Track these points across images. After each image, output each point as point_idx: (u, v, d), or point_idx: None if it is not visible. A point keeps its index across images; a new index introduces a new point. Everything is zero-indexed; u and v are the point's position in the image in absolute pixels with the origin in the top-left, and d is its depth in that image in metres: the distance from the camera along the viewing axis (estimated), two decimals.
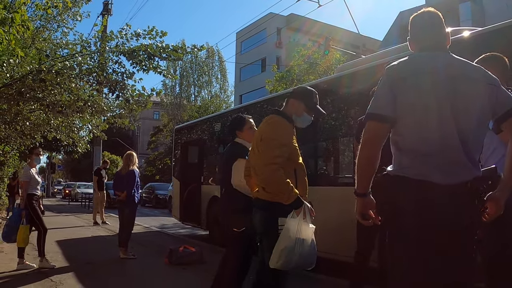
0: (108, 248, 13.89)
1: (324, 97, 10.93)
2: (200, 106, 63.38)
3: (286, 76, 39.03)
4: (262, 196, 5.34)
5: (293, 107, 5.63)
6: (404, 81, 3.59)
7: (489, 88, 3.59)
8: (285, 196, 5.05)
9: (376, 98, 3.72)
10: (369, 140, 3.68)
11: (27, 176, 11.03)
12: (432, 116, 3.47)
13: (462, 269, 3.47)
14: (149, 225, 21.29)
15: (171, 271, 10.79)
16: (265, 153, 5.17)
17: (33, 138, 17.72)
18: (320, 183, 10.54)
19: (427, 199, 3.40)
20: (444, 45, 3.85)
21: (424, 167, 3.45)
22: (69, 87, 11.54)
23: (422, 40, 3.90)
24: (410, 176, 3.49)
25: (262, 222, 5.44)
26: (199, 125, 19.37)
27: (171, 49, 11.46)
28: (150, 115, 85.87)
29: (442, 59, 3.69)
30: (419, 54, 3.86)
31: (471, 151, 3.53)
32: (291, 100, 5.65)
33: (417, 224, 3.41)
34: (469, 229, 3.47)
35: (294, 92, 5.88)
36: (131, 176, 12.27)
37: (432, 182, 3.41)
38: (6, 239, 11.09)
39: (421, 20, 3.95)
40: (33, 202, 10.98)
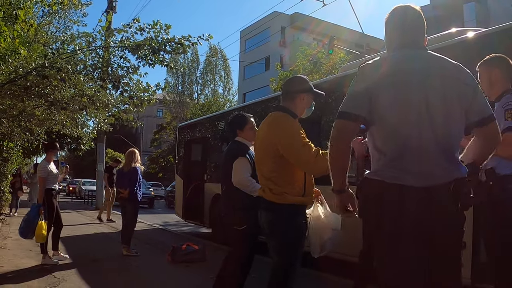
0: (111, 245, 13.89)
1: (329, 96, 10.92)
2: (203, 104, 63.32)
3: (290, 76, 39.00)
4: (268, 197, 5.33)
5: (303, 101, 5.55)
6: (380, 81, 3.55)
7: (467, 88, 3.56)
8: None
9: (348, 97, 3.68)
10: (336, 137, 3.66)
11: (44, 171, 11.01)
12: (408, 116, 3.45)
13: (445, 270, 3.46)
14: (152, 223, 21.28)
15: (174, 268, 10.80)
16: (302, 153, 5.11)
17: (37, 135, 17.74)
18: (325, 182, 10.52)
19: (401, 202, 3.39)
20: (421, 42, 3.79)
21: (398, 169, 3.43)
22: (74, 83, 11.53)
23: (400, 37, 3.82)
24: (385, 179, 3.47)
25: (268, 223, 5.44)
26: (203, 123, 19.39)
27: (177, 41, 11.42)
28: (153, 113, 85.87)
29: (420, 57, 3.65)
30: (396, 53, 3.79)
31: (449, 150, 3.51)
32: (301, 95, 5.52)
33: (393, 227, 3.40)
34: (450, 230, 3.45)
35: (299, 86, 5.66)
36: (133, 173, 12.27)
37: (407, 186, 3.39)
38: (23, 235, 11.03)
39: (400, 16, 3.85)
40: (51, 197, 11.01)
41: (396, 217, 3.39)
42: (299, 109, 5.54)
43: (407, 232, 3.37)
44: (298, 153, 5.12)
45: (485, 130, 3.62)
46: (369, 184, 3.63)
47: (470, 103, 3.54)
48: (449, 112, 3.45)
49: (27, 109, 13.20)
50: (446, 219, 3.38)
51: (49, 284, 9.05)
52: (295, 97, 5.53)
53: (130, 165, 12.42)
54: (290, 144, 5.18)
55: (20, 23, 9.26)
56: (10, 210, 25.16)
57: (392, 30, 3.88)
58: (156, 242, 15.01)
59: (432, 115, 3.39)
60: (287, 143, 5.19)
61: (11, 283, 8.97)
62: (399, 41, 3.80)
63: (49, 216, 10.93)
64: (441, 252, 3.39)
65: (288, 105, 5.52)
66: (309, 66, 38.74)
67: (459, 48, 7.88)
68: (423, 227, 3.36)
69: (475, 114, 3.56)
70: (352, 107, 3.60)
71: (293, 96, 5.54)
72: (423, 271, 3.41)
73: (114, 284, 9.51)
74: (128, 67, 12.16)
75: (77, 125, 16.94)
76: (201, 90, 73.23)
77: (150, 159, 72.29)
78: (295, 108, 5.49)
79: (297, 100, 5.52)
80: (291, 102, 5.52)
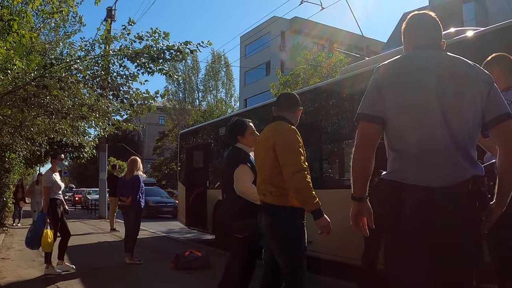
0: (114, 254, 13.89)
1: (328, 99, 10.91)
2: (205, 110, 63.32)
3: (291, 80, 39.01)
4: (269, 201, 5.46)
5: (297, 115, 5.92)
6: (392, 80, 3.55)
7: (482, 86, 3.49)
8: (311, 203, 5.15)
9: (365, 98, 3.67)
10: (362, 141, 3.62)
11: (49, 181, 11.05)
12: (421, 115, 3.41)
13: (461, 270, 3.42)
14: (155, 230, 21.26)
15: (177, 275, 10.76)
16: (291, 162, 5.28)
17: (39, 144, 17.75)
18: (326, 186, 10.52)
19: (417, 203, 3.35)
20: (439, 44, 3.75)
21: (414, 170, 3.39)
22: (73, 92, 11.52)
23: (416, 39, 3.80)
24: (401, 180, 3.44)
25: (269, 226, 5.53)
26: (204, 129, 19.35)
27: (176, 49, 11.38)
28: (155, 120, 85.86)
29: (434, 57, 3.61)
30: (409, 53, 3.78)
31: (466, 149, 3.44)
32: (300, 109, 5.96)
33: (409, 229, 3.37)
34: (469, 230, 3.41)
35: (297, 101, 6.00)
36: (135, 181, 12.24)
37: (420, 186, 3.35)
38: (30, 245, 11.06)
39: (417, 21, 3.87)
40: (56, 206, 11.03)
41: (409, 218, 3.36)
42: (296, 120, 5.88)
43: (420, 233, 3.34)
44: (291, 155, 5.30)
45: (499, 129, 3.50)
46: (385, 184, 3.60)
47: (486, 102, 3.48)
48: (463, 111, 3.39)
49: (28, 119, 13.20)
50: (461, 218, 3.34)
51: None
52: (295, 109, 5.89)
53: (133, 173, 12.40)
54: (287, 146, 5.38)
55: (12, 34, 9.25)
56: (13, 220, 25.23)
57: (410, 33, 3.89)
58: (159, 250, 14.98)
59: (445, 114, 3.35)
60: (284, 143, 5.39)
61: None
62: (416, 43, 3.78)
63: (54, 225, 10.94)
64: (453, 252, 3.36)
65: (289, 116, 5.75)
66: (309, 69, 38.72)
67: (457, 48, 7.86)
68: (435, 226, 3.33)
69: (490, 113, 3.49)
70: (369, 108, 3.60)
71: (294, 109, 5.88)
72: (433, 271, 3.38)
73: None
74: (128, 75, 12.14)
75: (79, 133, 16.96)
76: (202, 97, 73.19)
77: (153, 166, 72.31)
78: (294, 119, 5.84)
79: (297, 113, 5.91)
80: (293, 114, 5.84)
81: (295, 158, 5.25)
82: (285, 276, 5.49)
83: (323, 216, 5.18)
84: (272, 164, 5.42)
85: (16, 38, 9.49)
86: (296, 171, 5.17)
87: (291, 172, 5.20)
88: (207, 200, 16.80)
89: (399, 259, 3.48)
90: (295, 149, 5.31)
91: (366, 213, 3.74)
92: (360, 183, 3.68)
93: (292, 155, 5.27)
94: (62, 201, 11.46)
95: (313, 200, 5.12)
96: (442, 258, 3.33)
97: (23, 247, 12.63)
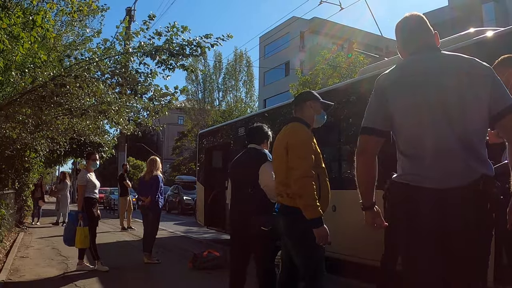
0: (133, 253, 13.96)
1: (348, 99, 10.85)
2: (224, 110, 63.29)
3: (310, 80, 38.93)
4: (286, 202, 5.50)
5: (311, 108, 5.84)
6: (393, 87, 3.60)
7: (484, 81, 3.46)
8: (310, 211, 5.14)
9: (368, 111, 3.77)
10: (362, 153, 3.76)
11: (84, 180, 11.33)
12: (424, 117, 3.44)
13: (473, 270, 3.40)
14: (174, 230, 21.30)
15: (195, 275, 10.78)
16: (298, 166, 5.28)
17: (58, 144, 17.81)
18: (346, 186, 10.46)
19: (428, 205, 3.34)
20: (434, 44, 3.79)
21: (424, 171, 3.39)
22: (93, 90, 11.53)
23: (410, 44, 3.86)
24: (409, 182, 3.45)
25: (286, 227, 5.58)
26: (223, 129, 19.30)
27: (196, 43, 11.28)
28: (174, 120, 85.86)
29: (432, 59, 3.64)
30: (407, 59, 3.84)
31: (474, 149, 3.42)
32: (308, 103, 5.88)
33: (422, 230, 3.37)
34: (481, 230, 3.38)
35: (305, 95, 6.11)
36: (155, 181, 12.28)
37: (429, 188, 3.34)
38: (67, 242, 11.39)
39: (405, 25, 3.93)
40: (91, 205, 11.30)
41: (419, 220, 3.36)
42: (309, 116, 5.81)
43: (429, 233, 3.33)
44: (298, 159, 5.31)
45: (506, 121, 3.45)
46: (395, 187, 3.62)
47: (490, 95, 3.44)
48: (468, 110, 3.38)
49: (47, 119, 13.24)
50: (473, 219, 3.31)
51: None
52: (303, 105, 5.88)
53: (152, 173, 12.45)
54: (296, 149, 5.39)
55: (37, 28, 9.28)
56: (32, 219, 25.37)
57: (401, 39, 3.96)
58: (177, 249, 15.01)
59: (450, 114, 3.35)
60: (294, 147, 5.41)
61: None
62: (410, 48, 3.85)
63: (90, 224, 11.19)
64: (464, 253, 3.33)
65: (299, 114, 5.82)
66: (328, 70, 38.64)
67: (477, 48, 7.78)
68: (446, 228, 3.31)
69: (495, 106, 3.44)
70: (371, 121, 3.70)
71: (301, 105, 5.91)
72: (443, 272, 3.36)
73: None
74: (148, 73, 12.13)
75: (98, 132, 17.00)
76: (222, 97, 73.20)
77: (172, 166, 72.36)
78: (305, 116, 5.81)
79: (306, 108, 5.85)
80: (301, 111, 5.86)
81: (302, 163, 5.26)
82: (303, 277, 5.50)
83: (323, 226, 5.16)
84: (286, 165, 5.46)
85: (41, 31, 9.53)
86: (301, 176, 5.18)
87: (296, 176, 5.22)
88: (226, 200, 16.74)
89: (413, 260, 3.53)
90: (303, 154, 5.33)
91: (377, 216, 3.80)
92: (367, 192, 3.76)
93: (300, 160, 5.29)
94: (97, 200, 11.70)
95: (314, 208, 5.13)
96: (454, 258, 3.34)
97: (42, 246, 12.66)
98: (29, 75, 11.04)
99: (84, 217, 11.04)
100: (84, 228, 10.97)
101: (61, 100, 11.58)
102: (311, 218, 5.13)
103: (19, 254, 13.61)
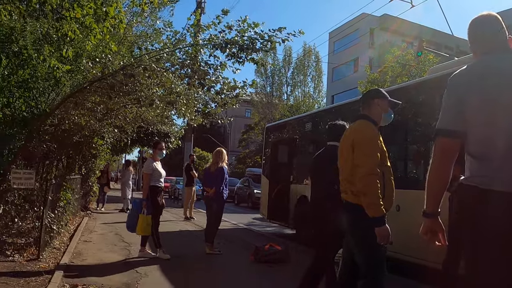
0: (195, 243, 14.07)
1: (416, 98, 10.64)
2: (292, 105, 63.25)
3: (379, 78, 38.61)
4: (351, 199, 5.53)
5: (379, 107, 5.84)
6: (469, 86, 3.47)
7: None
8: (374, 209, 5.16)
9: (443, 112, 3.64)
10: (438, 157, 3.60)
11: (149, 168, 11.53)
12: (496, 118, 3.30)
13: None
14: (237, 222, 21.31)
15: (256, 268, 10.81)
16: (363, 163, 5.30)
17: (125, 132, 18.03)
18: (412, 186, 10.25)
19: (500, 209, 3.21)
20: (507, 45, 3.66)
21: (497, 174, 3.26)
22: (161, 81, 11.60)
23: (483, 44, 3.73)
24: (478, 185, 3.32)
25: (349, 224, 5.61)
26: (291, 124, 19.24)
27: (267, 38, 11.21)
28: (242, 113, 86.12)
29: (506, 60, 3.52)
30: (481, 59, 3.70)
31: None
32: (376, 101, 5.88)
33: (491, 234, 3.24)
34: None
35: (373, 93, 6.16)
36: (220, 172, 12.30)
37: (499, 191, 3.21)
38: (129, 228, 11.57)
39: (479, 24, 3.81)
40: (156, 193, 11.47)
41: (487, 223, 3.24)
42: (376, 114, 5.82)
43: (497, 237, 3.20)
44: (364, 157, 5.34)
45: None
46: (463, 189, 3.49)
47: None
48: None
49: (115, 107, 13.41)
50: None
51: (131, 278, 9.19)
52: (371, 103, 5.89)
53: (217, 164, 12.46)
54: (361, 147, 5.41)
55: (110, 20, 9.37)
56: (97, 205, 25.85)
57: (474, 38, 3.84)
58: (239, 241, 15.07)
59: None
60: (359, 144, 5.44)
61: (93, 276, 9.15)
62: (483, 48, 3.73)
63: (153, 212, 11.37)
64: None
65: (366, 112, 5.82)
66: (397, 68, 38.24)
67: None
68: None
69: None
70: (446, 123, 3.58)
71: (369, 102, 5.92)
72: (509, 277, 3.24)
73: (195, 281, 9.56)
74: (217, 65, 12.14)
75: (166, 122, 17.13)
76: (291, 91, 73.17)
77: (237, 159, 72.71)
78: (372, 114, 5.82)
79: (373, 106, 5.85)
80: (368, 109, 5.87)
81: (367, 160, 5.27)
82: (364, 275, 5.47)
83: (385, 225, 5.16)
84: (351, 162, 5.47)
85: (113, 22, 9.60)
86: (366, 174, 5.19)
87: (361, 174, 5.24)
88: (290, 194, 16.70)
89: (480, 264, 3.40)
90: (369, 151, 5.34)
91: (437, 230, 3.64)
92: (434, 198, 3.63)
93: (365, 157, 5.30)
94: (162, 189, 11.85)
95: (377, 207, 5.13)
96: None
97: (105, 231, 12.81)
98: (99, 64, 11.16)
99: (148, 205, 11.20)
100: (147, 216, 11.14)
101: (129, 89, 11.69)
102: (373, 217, 5.13)
103: (83, 238, 13.86)
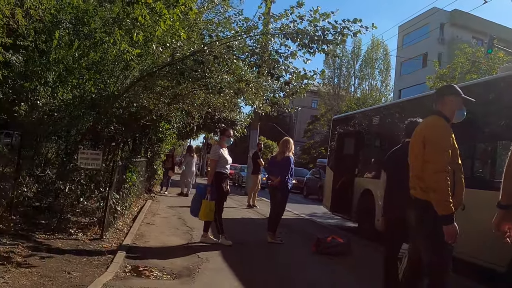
0: (256, 231, 14.08)
1: (486, 97, 10.42)
2: (359, 97, 62.89)
3: (447, 73, 37.98)
4: (419, 195, 5.48)
5: (453, 103, 5.76)
6: None
7: None
8: (443, 206, 5.08)
9: None
10: None
11: (216, 154, 11.56)
12: None
13: None
14: (299, 212, 21.28)
15: (318, 260, 10.76)
16: (434, 159, 5.24)
17: (192, 117, 18.16)
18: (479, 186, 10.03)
19: None
20: None
21: None
22: (230, 68, 11.63)
23: None
24: None
25: (416, 221, 5.58)
26: (358, 116, 19.01)
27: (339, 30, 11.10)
28: (308, 104, 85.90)
29: None
30: None
31: None
32: (450, 97, 5.80)
33: None
34: None
35: (447, 89, 6.03)
36: (286, 162, 12.30)
37: None
38: (193, 213, 11.71)
39: None
40: (221, 180, 11.49)
41: None
42: (449, 111, 5.75)
43: None
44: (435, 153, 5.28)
45: None
46: None
47: None
48: None
49: (183, 92, 13.50)
50: None
51: (192, 263, 9.30)
52: (444, 99, 5.83)
53: (284, 154, 12.45)
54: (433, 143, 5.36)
55: (180, 6, 9.41)
56: (161, 188, 26.22)
57: None
58: (301, 232, 15.06)
59: None
60: (430, 140, 5.39)
61: (155, 258, 9.30)
62: None
63: (217, 198, 11.40)
64: None
65: (439, 107, 5.76)
66: (467, 65, 37.53)
67: None
68: None
69: None
70: None
71: (443, 98, 5.85)
72: None
73: (256, 269, 9.57)
74: (288, 54, 12.09)
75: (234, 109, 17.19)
76: (358, 84, 72.82)
77: (302, 149, 72.63)
78: (446, 110, 5.76)
79: (447, 102, 5.78)
80: (442, 105, 5.81)
81: (438, 157, 5.21)
82: (428, 274, 5.43)
83: (453, 223, 5.06)
84: (422, 158, 5.42)
85: (184, 9, 9.64)
86: (437, 171, 5.14)
87: (431, 170, 5.19)
88: (354, 187, 16.58)
89: None
90: (440, 148, 5.28)
91: (508, 221, 3.56)
92: (509, 190, 3.50)
93: (436, 154, 5.25)
94: (228, 175, 11.87)
95: (446, 204, 5.05)
96: None
97: (168, 215, 12.93)
98: (170, 49, 11.24)
99: (212, 191, 11.25)
100: (210, 202, 11.19)
101: (199, 76, 11.73)
102: (442, 214, 5.05)
103: (146, 220, 14.08)
